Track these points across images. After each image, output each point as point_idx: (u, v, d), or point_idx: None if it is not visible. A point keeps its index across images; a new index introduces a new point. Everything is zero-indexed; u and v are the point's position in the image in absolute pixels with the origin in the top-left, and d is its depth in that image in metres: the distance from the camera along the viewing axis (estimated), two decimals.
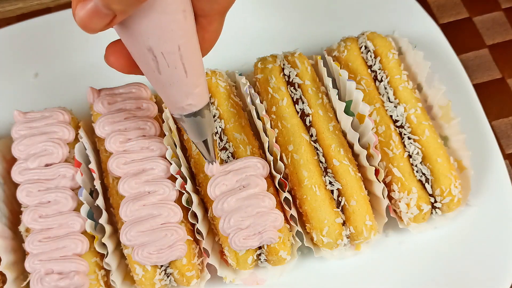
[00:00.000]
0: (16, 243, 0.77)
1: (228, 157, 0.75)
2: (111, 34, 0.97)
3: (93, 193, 0.78)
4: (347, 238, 0.74)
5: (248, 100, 0.80)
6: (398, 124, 0.78)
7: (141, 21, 0.50)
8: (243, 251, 0.72)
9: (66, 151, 0.77)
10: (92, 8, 0.47)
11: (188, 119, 0.59)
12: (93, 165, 0.77)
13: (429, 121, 0.78)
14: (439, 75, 0.80)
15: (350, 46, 0.83)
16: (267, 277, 0.77)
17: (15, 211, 0.80)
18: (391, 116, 0.79)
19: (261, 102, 0.80)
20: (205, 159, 0.69)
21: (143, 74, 0.58)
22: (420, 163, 0.76)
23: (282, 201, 0.75)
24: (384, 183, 0.76)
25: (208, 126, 0.62)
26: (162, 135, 0.78)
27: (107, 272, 0.75)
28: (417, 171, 0.76)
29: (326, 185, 0.74)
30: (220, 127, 0.77)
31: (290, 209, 0.73)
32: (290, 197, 0.74)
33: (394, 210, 0.78)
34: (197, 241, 0.75)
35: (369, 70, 0.82)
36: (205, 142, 0.65)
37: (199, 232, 0.74)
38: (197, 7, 0.53)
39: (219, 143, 0.76)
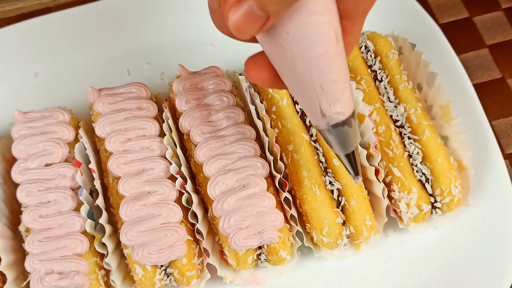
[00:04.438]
0: (16, 243, 0.76)
1: None
2: (111, 34, 0.97)
3: (93, 193, 0.78)
4: (347, 238, 0.74)
5: (248, 100, 0.80)
6: (398, 124, 0.78)
7: (290, 24, 0.48)
8: (243, 251, 0.72)
9: (66, 151, 0.77)
10: (246, 11, 0.45)
11: (335, 130, 0.55)
12: (93, 165, 0.77)
13: (429, 121, 0.78)
14: (439, 75, 0.80)
15: None
16: (267, 277, 0.77)
17: (15, 211, 0.80)
18: (391, 116, 0.79)
19: (261, 102, 0.80)
20: (349, 173, 0.62)
21: (286, 88, 0.55)
22: (420, 163, 0.76)
23: (282, 201, 0.75)
24: (384, 183, 0.76)
25: (355, 137, 0.57)
26: (162, 135, 0.78)
27: (107, 272, 0.75)
28: (417, 171, 0.76)
29: (326, 185, 0.74)
30: None
31: (290, 209, 0.73)
32: (290, 197, 0.74)
33: (394, 210, 0.78)
34: (197, 241, 0.75)
35: (369, 70, 0.82)
36: (349, 155, 0.59)
37: (199, 232, 0.74)
38: (341, 9, 0.51)
39: None
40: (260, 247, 0.73)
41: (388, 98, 0.80)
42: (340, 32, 0.51)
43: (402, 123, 0.78)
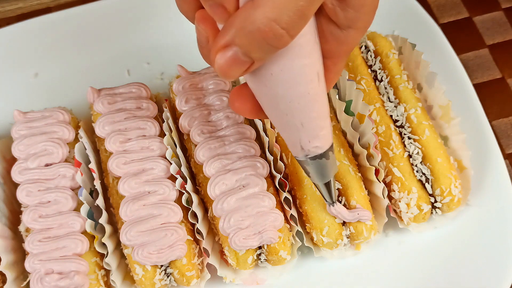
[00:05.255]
0: (16, 243, 0.76)
1: None
2: (111, 34, 0.97)
3: (93, 193, 0.78)
4: (347, 238, 0.74)
5: None
6: (398, 124, 0.78)
7: (274, 66, 0.50)
8: (243, 251, 0.72)
9: (66, 151, 0.77)
10: (231, 56, 0.47)
11: (313, 161, 0.59)
12: (93, 165, 0.77)
13: (429, 121, 0.78)
14: (439, 75, 0.80)
15: None
16: (267, 277, 0.77)
17: (15, 211, 0.80)
18: (391, 116, 0.79)
19: None
20: (326, 201, 0.69)
21: (267, 118, 0.58)
22: (420, 163, 0.76)
23: (282, 201, 0.75)
24: (384, 183, 0.76)
25: (331, 168, 0.62)
26: (162, 135, 0.78)
27: (107, 272, 0.75)
28: (417, 171, 0.76)
29: None
30: None
31: (290, 209, 0.73)
32: (290, 197, 0.74)
33: (394, 210, 0.78)
34: (197, 241, 0.75)
35: (369, 69, 0.82)
36: (327, 184, 0.65)
37: (199, 232, 0.74)
38: (324, 49, 0.53)
39: None
40: (260, 247, 0.73)
41: (388, 98, 0.80)
42: (322, 71, 0.54)
43: (402, 123, 0.78)
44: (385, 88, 0.80)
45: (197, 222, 0.74)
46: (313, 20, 0.51)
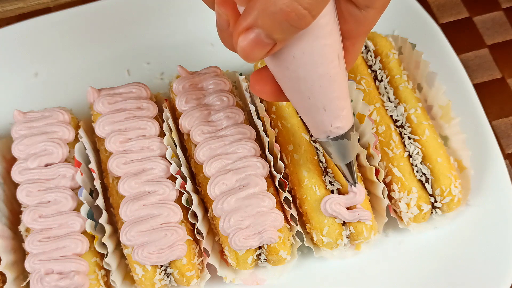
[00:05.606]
0: (16, 243, 0.76)
1: None
2: (111, 34, 0.97)
3: (93, 193, 0.78)
4: (347, 238, 0.74)
5: (248, 100, 0.80)
6: (398, 124, 0.78)
7: (295, 48, 0.50)
8: (243, 251, 0.72)
9: (66, 151, 0.77)
10: (254, 38, 0.47)
11: (335, 142, 0.60)
12: (93, 165, 0.77)
13: (429, 121, 0.78)
14: (439, 75, 0.80)
15: None
16: (267, 277, 0.77)
17: (15, 211, 0.80)
18: (391, 116, 0.79)
19: (261, 102, 0.80)
20: (347, 181, 0.69)
21: (288, 101, 0.58)
22: (420, 163, 0.76)
23: (282, 201, 0.75)
24: (384, 183, 0.76)
25: (353, 149, 0.62)
26: (162, 135, 0.78)
27: (107, 272, 0.75)
28: (417, 171, 0.76)
29: (326, 185, 0.74)
30: None
31: (290, 209, 0.73)
32: (290, 197, 0.74)
33: (394, 210, 0.78)
34: (197, 241, 0.75)
35: (369, 69, 0.82)
36: (348, 164, 0.65)
37: (199, 232, 0.74)
38: (343, 30, 0.54)
39: None
40: (260, 247, 0.73)
41: (388, 98, 0.80)
42: (342, 52, 0.54)
43: (402, 123, 0.78)
44: (385, 88, 0.80)
45: (197, 222, 0.74)
46: (332, 0, 0.51)
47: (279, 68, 0.54)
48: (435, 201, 0.76)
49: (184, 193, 0.74)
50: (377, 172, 0.75)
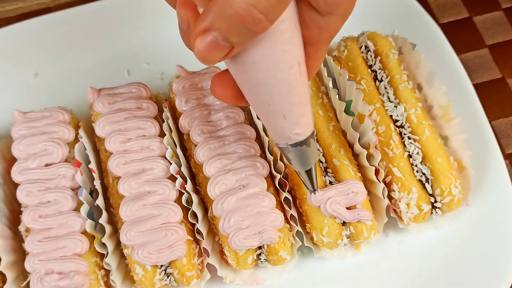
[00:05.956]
0: (16, 243, 0.76)
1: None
2: (111, 34, 0.97)
3: (93, 193, 0.78)
4: (347, 238, 0.74)
5: None
6: (398, 124, 0.78)
7: (254, 53, 0.50)
8: (243, 251, 0.72)
9: (66, 151, 0.77)
10: (211, 41, 0.47)
11: (294, 148, 0.59)
12: (93, 165, 0.77)
13: (429, 121, 0.78)
14: (439, 75, 0.80)
15: (350, 46, 0.83)
16: (267, 277, 0.77)
17: (15, 211, 0.80)
18: (391, 116, 0.79)
19: None
20: (307, 188, 0.69)
21: (249, 105, 0.58)
22: (420, 163, 0.76)
23: (282, 201, 0.75)
24: (384, 183, 0.76)
25: (313, 155, 0.62)
26: (162, 135, 0.78)
27: (107, 272, 0.75)
28: (417, 171, 0.76)
29: (326, 185, 0.74)
30: None
31: (290, 209, 0.73)
32: (290, 197, 0.74)
33: (394, 210, 0.78)
34: (197, 241, 0.75)
35: (369, 69, 0.82)
36: (308, 171, 0.65)
37: (199, 232, 0.74)
38: (305, 36, 0.53)
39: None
40: (260, 247, 0.73)
41: (388, 98, 0.80)
42: (303, 58, 0.54)
43: (402, 123, 0.78)
44: (385, 88, 0.80)
45: (197, 222, 0.74)
46: (294, 6, 0.51)
47: (239, 72, 0.53)
48: (435, 201, 0.76)
49: (184, 193, 0.74)
50: (377, 172, 0.75)
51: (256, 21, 0.45)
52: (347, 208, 0.72)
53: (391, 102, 0.80)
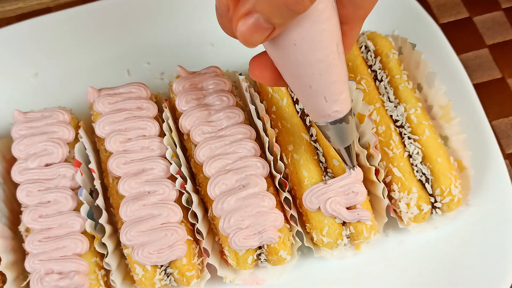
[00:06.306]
0: (16, 243, 0.76)
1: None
2: (111, 34, 0.97)
3: (93, 193, 0.78)
4: (347, 238, 0.74)
5: (248, 100, 0.80)
6: (398, 124, 0.78)
7: (294, 33, 0.51)
8: (243, 251, 0.72)
9: (66, 151, 0.77)
10: (253, 23, 0.48)
11: (333, 126, 0.60)
12: (93, 165, 0.77)
13: (429, 121, 0.78)
14: (439, 75, 0.80)
15: None
16: (267, 277, 0.77)
17: (15, 211, 0.80)
18: (391, 116, 0.79)
19: (261, 102, 0.80)
20: (346, 165, 0.70)
21: (287, 86, 0.59)
22: (420, 163, 0.76)
23: (282, 201, 0.75)
24: (384, 183, 0.76)
25: (352, 132, 0.63)
26: (162, 135, 0.78)
27: (107, 272, 0.75)
28: (417, 171, 0.76)
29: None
30: None
31: (290, 209, 0.73)
32: (290, 197, 0.74)
33: (394, 210, 0.78)
34: (197, 241, 0.75)
35: (369, 69, 0.82)
36: (347, 148, 0.66)
37: (199, 232, 0.74)
38: (341, 15, 0.54)
39: None
40: (260, 247, 0.73)
41: (388, 98, 0.80)
42: (340, 37, 0.54)
43: (402, 123, 0.78)
44: (385, 88, 0.80)
45: (197, 222, 0.74)
46: None
47: (278, 53, 0.54)
48: (435, 201, 0.76)
49: (184, 193, 0.74)
50: (377, 172, 0.75)
51: (298, 1, 0.46)
52: (347, 208, 0.72)
53: (391, 102, 0.80)
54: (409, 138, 0.77)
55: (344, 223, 0.73)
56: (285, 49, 0.53)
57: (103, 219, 0.73)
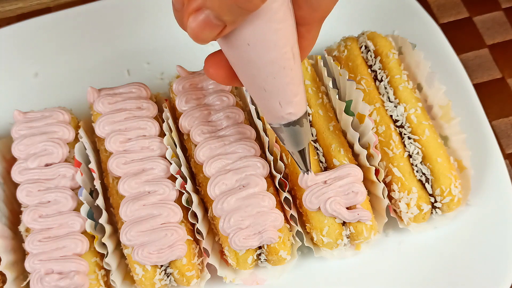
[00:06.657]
0: (16, 243, 0.77)
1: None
2: (111, 34, 0.97)
3: (93, 193, 0.78)
4: (347, 238, 0.74)
5: (248, 100, 0.80)
6: (398, 124, 0.78)
7: (246, 32, 0.50)
8: (243, 251, 0.72)
9: (66, 151, 0.77)
10: (203, 20, 0.47)
11: (287, 128, 0.59)
12: (93, 165, 0.77)
13: (429, 121, 0.78)
14: (439, 75, 0.80)
15: (350, 46, 0.83)
16: (267, 277, 0.77)
17: (15, 211, 0.80)
18: (391, 116, 0.79)
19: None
20: (300, 169, 0.69)
21: (242, 86, 0.58)
22: (420, 163, 0.76)
23: (282, 201, 0.75)
24: (384, 183, 0.76)
25: (306, 135, 0.62)
26: (162, 135, 0.78)
27: (107, 272, 0.75)
28: (417, 171, 0.76)
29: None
30: None
31: (290, 209, 0.73)
32: (290, 197, 0.74)
33: (394, 210, 0.78)
34: (197, 241, 0.75)
35: (369, 69, 0.82)
36: (301, 151, 0.65)
37: (199, 232, 0.74)
38: (297, 16, 0.53)
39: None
40: (260, 247, 0.73)
41: (388, 98, 0.80)
42: (296, 38, 0.54)
43: (402, 123, 0.78)
44: (385, 88, 0.80)
45: (197, 222, 0.74)
46: None
47: (232, 52, 0.53)
48: (435, 201, 0.76)
49: (184, 193, 0.74)
50: (377, 172, 0.75)
51: None
52: (347, 208, 0.72)
53: (391, 102, 0.80)
54: (409, 138, 0.77)
55: (344, 223, 0.73)
56: (238, 48, 0.52)
57: (103, 219, 0.73)
